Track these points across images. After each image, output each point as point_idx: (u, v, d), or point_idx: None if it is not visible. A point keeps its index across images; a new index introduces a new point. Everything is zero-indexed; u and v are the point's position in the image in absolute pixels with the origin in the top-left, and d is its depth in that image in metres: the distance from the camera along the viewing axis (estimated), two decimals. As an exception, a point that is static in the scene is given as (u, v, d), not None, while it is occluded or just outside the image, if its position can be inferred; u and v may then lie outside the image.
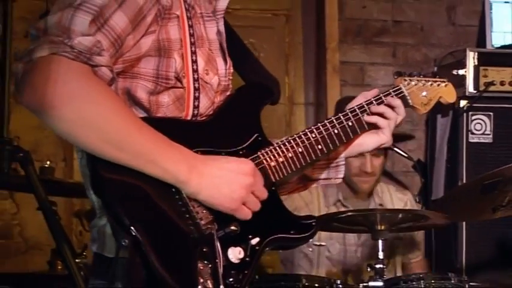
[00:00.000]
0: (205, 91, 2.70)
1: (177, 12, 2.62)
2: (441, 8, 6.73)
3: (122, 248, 2.46)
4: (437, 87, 3.14)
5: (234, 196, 2.58)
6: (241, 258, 2.61)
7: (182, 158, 2.51)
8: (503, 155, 4.49)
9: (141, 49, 2.55)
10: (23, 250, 6.02)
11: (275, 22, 6.65)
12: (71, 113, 2.35)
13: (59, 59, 2.33)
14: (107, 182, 2.47)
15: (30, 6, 5.06)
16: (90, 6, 2.40)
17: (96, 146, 2.41)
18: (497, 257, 5.31)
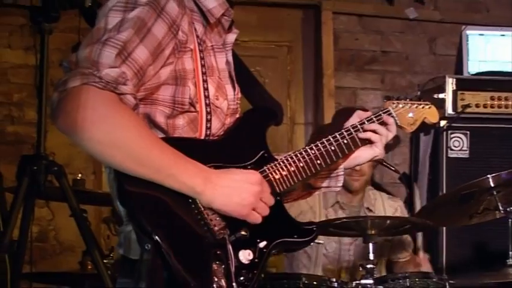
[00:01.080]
0: (216, 114, 2.71)
1: (191, 46, 2.63)
2: (424, 40, 6.73)
3: (145, 252, 2.48)
4: (422, 109, 3.13)
5: (244, 203, 2.58)
6: (250, 260, 2.63)
7: (198, 172, 2.52)
8: (478, 168, 4.48)
9: (160, 78, 2.57)
10: (57, 252, 6.01)
11: (278, 52, 6.64)
12: (100, 135, 2.38)
13: (90, 88, 2.35)
14: (131, 194, 2.49)
15: (64, 38, 5.05)
16: (116, 42, 2.43)
17: (122, 163, 2.44)
18: (473, 258, 5.30)
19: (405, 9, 6.67)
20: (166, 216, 2.51)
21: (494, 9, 6.80)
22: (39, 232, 5.91)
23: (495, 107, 5.60)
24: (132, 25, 2.48)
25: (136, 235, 2.53)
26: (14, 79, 6.08)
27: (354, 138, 2.97)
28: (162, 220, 2.49)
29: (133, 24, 2.48)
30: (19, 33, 6.00)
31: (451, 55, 6.57)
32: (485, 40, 6.00)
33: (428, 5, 6.70)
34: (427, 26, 6.73)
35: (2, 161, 5.54)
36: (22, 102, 6.04)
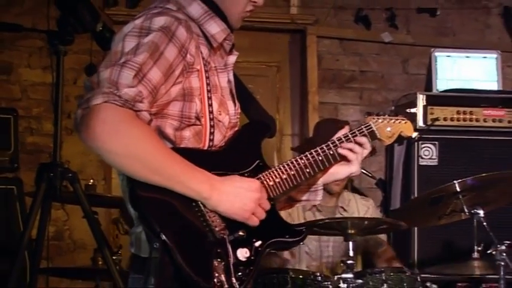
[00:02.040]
0: (219, 128, 2.72)
1: (198, 67, 2.65)
2: (397, 61, 6.73)
3: (154, 250, 2.51)
4: (399, 124, 3.13)
5: (246, 208, 2.62)
6: (247, 257, 2.64)
7: (205, 179, 2.55)
8: (446, 175, 4.48)
9: (170, 95, 2.59)
10: (71, 249, 5.99)
11: (268, 72, 6.64)
12: (118, 148, 2.42)
13: (110, 106, 2.39)
14: (142, 198, 2.52)
15: (77, 59, 5.06)
16: (133, 64, 2.47)
17: (138, 172, 2.47)
18: (441, 254, 5.30)
19: (381, 33, 6.67)
20: (172, 218, 2.53)
21: (460, 33, 6.81)
22: (55, 231, 5.89)
23: (461, 120, 5.60)
24: (147, 49, 2.50)
25: (146, 235, 2.57)
26: (33, 95, 6.08)
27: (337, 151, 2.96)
28: (169, 221, 2.52)
29: (147, 48, 2.51)
30: (38, 55, 5.99)
31: (421, 74, 6.57)
32: (452, 61, 6.00)
33: (401, 30, 6.71)
34: (400, 49, 6.73)
35: (22, 168, 5.52)
36: (40, 116, 6.03)
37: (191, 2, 2.72)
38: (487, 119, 5.64)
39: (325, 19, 6.62)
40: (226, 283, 2.56)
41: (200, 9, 2.72)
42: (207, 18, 2.73)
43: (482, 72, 5.98)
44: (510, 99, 5.71)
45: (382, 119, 3.10)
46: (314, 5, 6.57)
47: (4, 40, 6.03)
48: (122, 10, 6.08)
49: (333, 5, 6.61)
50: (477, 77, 5.94)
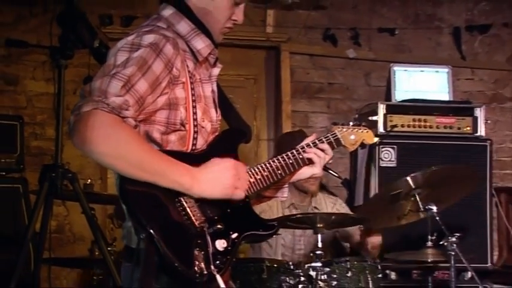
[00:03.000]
0: (201, 133, 2.72)
1: (183, 79, 2.65)
2: (361, 74, 6.74)
3: (141, 241, 2.49)
4: (361, 133, 3.16)
5: (227, 187, 2.62)
6: (224, 247, 2.64)
7: (186, 172, 2.55)
8: (403, 175, 4.47)
9: (157, 104, 2.59)
10: (71, 241, 5.97)
11: (246, 84, 6.64)
12: (106, 149, 2.42)
13: (99, 112, 2.39)
14: (130, 195, 2.52)
15: (77, 72, 5.05)
16: (122, 76, 2.47)
17: (125, 170, 2.47)
18: (399, 244, 5.30)
19: (346, 50, 6.69)
20: (157, 212, 2.53)
21: (415, 50, 6.84)
22: (57, 225, 5.87)
23: (416, 127, 5.63)
24: (136, 63, 2.50)
25: (134, 227, 2.55)
26: (37, 104, 6.05)
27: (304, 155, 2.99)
28: (155, 215, 2.51)
29: (136, 62, 2.51)
30: (41, 68, 5.97)
31: (382, 86, 6.58)
32: (408, 74, 6.02)
33: (364, 47, 6.72)
34: (363, 64, 6.74)
35: (27, 169, 5.52)
36: (43, 122, 6.01)
37: (179, 20, 2.72)
38: (439, 125, 5.66)
39: (296, 37, 6.62)
40: (206, 270, 2.56)
41: (187, 27, 2.73)
42: (193, 35, 2.73)
43: (435, 85, 6.00)
44: (459, 108, 5.74)
45: (346, 128, 3.13)
46: (287, 24, 6.58)
47: (11, 55, 6.01)
48: (116, 28, 6.07)
49: (303, 25, 6.62)
50: (430, 88, 5.96)
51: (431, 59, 6.69)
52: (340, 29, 6.67)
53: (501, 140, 6.86)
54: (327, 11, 6.67)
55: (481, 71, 7.01)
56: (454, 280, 4.36)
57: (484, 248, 5.56)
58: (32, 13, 5.97)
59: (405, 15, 6.87)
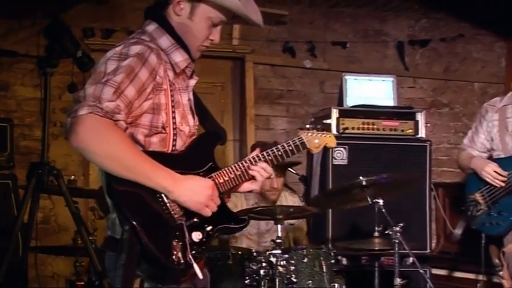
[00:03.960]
0: (180, 136, 2.73)
1: (165, 87, 2.66)
2: (316, 82, 6.79)
3: (125, 232, 2.51)
4: (325, 137, 3.14)
5: (200, 202, 2.62)
6: (200, 239, 2.65)
7: (168, 176, 2.56)
8: (354, 172, 4.49)
9: (143, 109, 2.60)
10: (56, 231, 5.93)
11: (215, 90, 6.64)
12: (99, 150, 2.46)
13: (94, 116, 2.42)
14: (116, 190, 2.53)
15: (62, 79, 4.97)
16: (113, 83, 2.49)
17: (115, 169, 2.50)
18: (350, 233, 5.32)
19: (303, 61, 6.71)
20: (140, 206, 2.54)
21: (364, 62, 6.88)
22: (43, 217, 5.83)
23: (365, 129, 5.63)
24: (124, 71, 2.52)
25: (119, 220, 2.56)
26: (26, 108, 6.01)
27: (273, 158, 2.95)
28: (138, 209, 2.52)
29: (125, 70, 2.52)
30: (30, 75, 5.92)
31: (335, 93, 6.59)
32: (358, 83, 6.03)
33: (319, 58, 6.75)
34: (318, 73, 6.78)
35: (16, 166, 5.47)
36: (31, 124, 5.96)
37: (161, 35, 2.72)
38: (385, 128, 5.67)
39: (259, 49, 6.63)
40: (183, 259, 2.57)
41: (168, 42, 2.73)
42: (173, 50, 2.73)
43: (382, 92, 6.02)
44: (403, 113, 5.76)
45: (311, 132, 3.11)
46: (251, 38, 6.58)
47: (3, 63, 5.97)
48: (97, 40, 6.04)
49: (265, 38, 6.63)
50: (377, 95, 5.98)
51: (378, 70, 6.74)
52: (298, 42, 6.69)
53: (439, 141, 6.94)
54: (286, 26, 6.69)
55: (422, 80, 7.09)
56: (398, 265, 4.37)
57: (423, 236, 5.59)
58: (21, 26, 5.93)
59: (355, 31, 6.91)
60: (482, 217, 4.41)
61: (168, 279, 2.61)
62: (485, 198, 4.40)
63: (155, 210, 2.56)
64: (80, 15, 6.05)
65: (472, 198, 4.42)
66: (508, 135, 4.40)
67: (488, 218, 4.40)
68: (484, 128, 4.54)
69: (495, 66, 7.27)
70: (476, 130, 4.61)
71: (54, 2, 5.73)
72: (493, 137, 4.50)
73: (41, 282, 5.41)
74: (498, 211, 4.36)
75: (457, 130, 7.16)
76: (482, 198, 4.42)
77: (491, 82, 7.25)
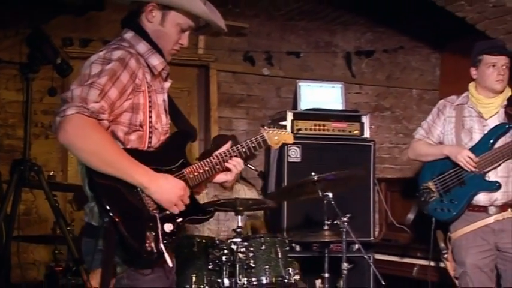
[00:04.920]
0: (155, 134, 2.73)
1: (143, 88, 2.66)
2: (273, 88, 6.79)
3: (104, 222, 2.50)
4: (283, 135, 3.17)
5: (171, 200, 2.62)
6: (171, 229, 2.65)
7: (145, 173, 2.57)
8: (307, 169, 4.50)
9: (123, 108, 2.60)
10: (37, 222, 5.84)
11: (182, 94, 6.58)
12: (85, 146, 2.47)
13: (80, 116, 2.44)
14: (97, 184, 2.53)
15: (42, 84, 4.92)
16: (98, 85, 2.50)
17: (96, 164, 2.49)
18: (303, 223, 5.35)
19: (261, 69, 6.71)
20: (118, 199, 2.53)
21: (316, 70, 6.91)
22: (25, 209, 5.74)
23: (317, 130, 5.67)
24: (107, 74, 2.52)
25: (99, 211, 2.55)
26: (9, 110, 5.91)
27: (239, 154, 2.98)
28: (116, 201, 2.52)
29: (108, 73, 2.53)
30: (13, 80, 5.84)
31: (289, 98, 6.61)
32: (310, 89, 6.05)
33: (276, 67, 6.76)
34: (275, 80, 6.78)
35: (0, 163, 5.45)
36: (14, 124, 5.86)
37: (139, 42, 2.72)
38: (335, 129, 5.71)
39: (222, 58, 6.62)
40: (155, 248, 2.57)
41: (145, 47, 2.73)
42: (150, 54, 2.73)
43: (331, 97, 6.05)
44: (350, 116, 5.81)
45: (271, 130, 3.13)
46: (214, 47, 6.56)
47: (-12, 69, 5.89)
48: (76, 49, 5.97)
49: (228, 48, 6.62)
50: (328, 100, 6.01)
51: (328, 77, 6.76)
52: (256, 51, 6.69)
53: (382, 141, 6.99)
54: (246, 38, 6.68)
55: (367, 86, 7.14)
56: (345, 251, 4.41)
57: (367, 226, 5.64)
58: (5, 35, 5.85)
59: (308, 42, 6.93)
60: (434, 203, 4.41)
61: (142, 264, 2.62)
62: (438, 186, 4.41)
63: (132, 202, 2.56)
64: (60, 26, 5.98)
65: (426, 186, 4.42)
66: (464, 132, 4.40)
67: (440, 205, 4.40)
68: (441, 122, 4.51)
69: (431, 74, 7.35)
70: (433, 123, 4.56)
71: (36, 13, 5.66)
72: (447, 132, 4.49)
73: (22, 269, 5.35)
74: (450, 199, 4.37)
75: (398, 131, 7.23)
76: (435, 186, 4.42)
77: (427, 89, 7.33)
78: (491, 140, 4.31)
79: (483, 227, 4.31)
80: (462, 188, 4.35)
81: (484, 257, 4.31)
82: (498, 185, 4.27)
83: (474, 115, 4.40)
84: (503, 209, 4.32)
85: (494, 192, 4.29)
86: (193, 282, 4.25)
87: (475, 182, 4.32)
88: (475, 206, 4.33)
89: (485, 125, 4.37)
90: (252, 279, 4.27)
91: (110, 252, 2.52)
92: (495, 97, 4.40)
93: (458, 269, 4.36)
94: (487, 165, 4.28)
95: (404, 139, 7.17)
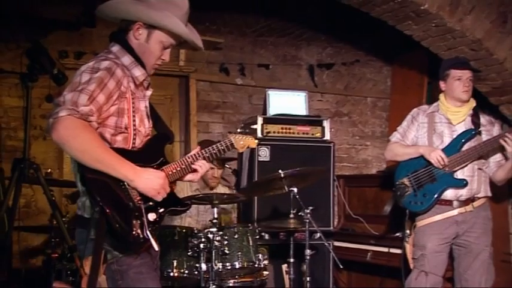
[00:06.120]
0: (139, 135, 2.73)
1: (127, 95, 2.66)
2: (246, 96, 6.79)
3: (95, 213, 2.51)
4: (248, 139, 3.18)
5: (154, 188, 2.63)
6: (154, 219, 2.67)
7: (130, 168, 2.58)
8: (275, 167, 4.50)
9: (110, 112, 2.60)
10: (36, 214, 5.78)
11: (165, 101, 6.57)
12: (76, 145, 2.46)
13: (71, 117, 2.44)
14: (88, 179, 2.52)
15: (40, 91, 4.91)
16: (87, 91, 2.50)
17: (87, 161, 2.49)
18: (271, 215, 5.35)
19: (235, 79, 6.72)
20: (107, 192, 2.53)
21: (283, 80, 6.92)
22: (25, 202, 5.69)
23: (284, 133, 5.67)
24: (96, 81, 2.53)
25: (90, 203, 2.55)
26: (11, 114, 5.85)
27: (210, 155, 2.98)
28: (106, 194, 2.52)
29: (96, 81, 2.53)
30: (15, 88, 5.77)
31: (260, 104, 6.63)
32: (278, 97, 6.07)
33: (248, 77, 6.76)
34: (247, 89, 6.78)
35: (3, 161, 5.44)
36: (16, 127, 5.80)
37: (124, 55, 2.73)
38: (299, 132, 5.72)
39: (201, 69, 6.61)
40: (141, 234, 2.58)
41: (129, 60, 2.73)
42: (133, 66, 2.73)
43: (296, 104, 6.07)
44: (313, 121, 5.82)
45: (238, 135, 3.14)
46: (194, 60, 6.55)
47: (-8, 79, 5.84)
48: (71, 60, 5.93)
49: (206, 61, 6.61)
50: (293, 107, 6.02)
51: (294, 86, 6.78)
52: (231, 64, 6.69)
53: (340, 143, 7.04)
54: (222, 51, 6.68)
55: (327, 95, 7.17)
56: (308, 239, 4.43)
57: (328, 217, 5.66)
58: (7, 48, 5.80)
59: (276, 56, 6.95)
60: (408, 197, 4.45)
61: (130, 250, 2.62)
62: (412, 182, 4.46)
63: (119, 195, 2.56)
64: (56, 40, 5.94)
65: (401, 182, 4.47)
66: (435, 136, 4.49)
67: (413, 199, 4.45)
68: (415, 127, 4.59)
69: (383, 84, 7.41)
70: (408, 128, 4.63)
71: (35, 29, 5.64)
72: (420, 136, 4.54)
73: (22, 255, 5.35)
74: (423, 194, 4.43)
75: (354, 134, 7.28)
76: (409, 182, 4.47)
77: (380, 97, 7.39)
78: (460, 143, 4.42)
79: (447, 218, 4.39)
80: (433, 184, 4.42)
81: (442, 243, 4.41)
82: (465, 182, 4.37)
83: (444, 121, 4.51)
84: (466, 203, 4.42)
85: (461, 188, 4.38)
86: (175, 267, 4.25)
87: (445, 179, 4.40)
88: (442, 200, 4.42)
89: (454, 130, 4.49)
90: (226, 264, 4.28)
91: (100, 239, 2.53)
92: (462, 106, 4.52)
93: (418, 252, 4.45)
94: (455, 165, 4.38)
95: (360, 141, 7.24)
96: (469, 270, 4.41)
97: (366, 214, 5.84)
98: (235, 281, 4.41)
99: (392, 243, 5.14)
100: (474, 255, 4.40)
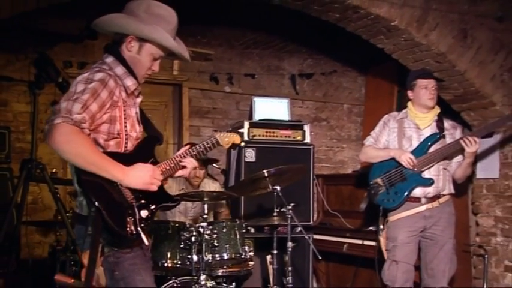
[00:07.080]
0: (130, 140, 2.70)
1: (119, 103, 2.63)
2: (233, 102, 6.78)
3: (92, 212, 2.48)
4: (232, 136, 3.19)
5: (146, 182, 2.61)
6: (147, 215, 2.64)
7: (120, 169, 2.56)
8: (260, 168, 4.51)
9: (102, 120, 2.57)
10: (42, 209, 5.75)
11: (160, 107, 6.56)
12: (70, 150, 2.43)
13: (65, 124, 2.42)
14: (84, 180, 2.49)
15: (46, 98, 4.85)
16: (81, 100, 2.47)
17: (81, 164, 2.47)
18: (257, 211, 5.37)
19: (224, 87, 6.72)
20: (102, 192, 2.50)
21: (267, 88, 6.93)
22: (32, 199, 5.66)
23: (268, 136, 5.70)
24: (90, 92, 2.50)
25: (86, 202, 2.53)
26: (20, 119, 5.83)
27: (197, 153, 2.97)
28: (100, 195, 2.49)
29: (90, 91, 2.50)
30: (23, 95, 5.75)
31: (247, 110, 6.63)
32: (263, 103, 6.09)
33: (236, 85, 6.76)
34: (235, 96, 6.78)
35: (12, 162, 5.43)
36: (24, 131, 5.78)
37: (117, 66, 2.70)
38: (282, 136, 5.75)
39: (193, 78, 6.60)
40: (135, 231, 2.56)
41: (121, 71, 2.70)
42: (125, 76, 2.71)
43: (280, 110, 6.09)
44: (294, 125, 5.85)
45: (223, 133, 3.14)
46: (187, 70, 6.54)
47: (3, 86, 5.77)
48: (74, 70, 5.90)
49: (197, 70, 6.61)
50: (277, 113, 6.04)
51: (277, 94, 6.79)
52: (220, 73, 6.69)
53: (319, 145, 7.05)
54: (212, 62, 6.68)
55: (308, 102, 7.18)
56: (290, 232, 4.44)
57: (308, 212, 5.69)
58: (17, 58, 5.78)
59: (261, 66, 6.96)
60: (382, 195, 4.48)
61: (123, 245, 2.61)
62: (385, 182, 4.49)
63: (112, 195, 2.54)
64: (61, 52, 5.92)
65: (375, 182, 4.51)
66: (405, 140, 4.53)
67: (386, 196, 4.48)
68: (386, 132, 4.63)
69: (358, 92, 7.44)
70: (380, 133, 4.66)
71: (42, 41, 5.61)
72: (391, 139, 4.58)
73: (30, 248, 5.32)
74: (395, 192, 4.46)
75: (332, 137, 7.30)
76: (382, 182, 4.50)
77: (355, 104, 7.42)
78: (427, 146, 4.47)
79: (416, 213, 4.43)
80: (404, 183, 4.46)
81: (411, 235, 4.45)
82: (432, 181, 4.42)
83: (412, 126, 4.56)
84: (433, 200, 4.47)
85: (428, 186, 4.42)
86: (168, 258, 4.25)
87: (414, 179, 4.44)
88: (412, 197, 4.46)
89: (421, 134, 4.53)
90: (215, 256, 4.28)
91: (97, 236, 2.51)
92: (428, 112, 4.57)
93: (390, 243, 4.49)
94: (423, 166, 4.42)
95: (337, 143, 7.27)
96: (435, 260, 4.45)
97: (342, 210, 5.87)
98: (224, 270, 4.41)
99: (366, 236, 5.18)
100: (439, 246, 4.44)
